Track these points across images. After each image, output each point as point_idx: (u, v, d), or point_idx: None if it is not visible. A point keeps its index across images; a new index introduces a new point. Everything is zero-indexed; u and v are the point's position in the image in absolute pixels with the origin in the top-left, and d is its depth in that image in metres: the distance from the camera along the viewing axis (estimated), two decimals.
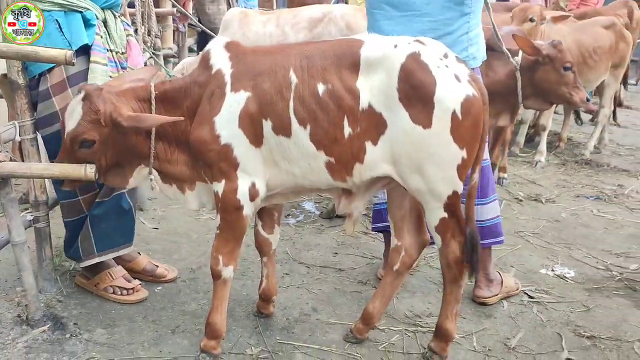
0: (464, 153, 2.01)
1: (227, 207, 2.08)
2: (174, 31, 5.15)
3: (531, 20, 4.58)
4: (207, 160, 2.06)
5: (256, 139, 2.03)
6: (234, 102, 2.01)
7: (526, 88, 3.49)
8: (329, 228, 3.61)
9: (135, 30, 3.62)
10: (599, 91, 5.61)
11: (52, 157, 2.42)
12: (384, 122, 1.98)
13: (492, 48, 3.60)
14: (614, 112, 5.72)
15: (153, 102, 2.05)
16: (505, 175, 4.70)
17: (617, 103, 7.86)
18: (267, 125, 2.02)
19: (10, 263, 2.84)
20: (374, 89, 1.97)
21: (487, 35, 3.75)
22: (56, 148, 2.38)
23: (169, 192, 2.24)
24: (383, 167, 2.04)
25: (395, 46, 2.00)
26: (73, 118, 2.00)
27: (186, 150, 2.12)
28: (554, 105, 4.90)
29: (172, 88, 2.10)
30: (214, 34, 3.91)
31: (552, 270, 3.20)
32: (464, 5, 2.50)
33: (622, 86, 7.15)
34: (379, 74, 1.98)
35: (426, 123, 1.95)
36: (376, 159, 2.02)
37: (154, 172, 2.14)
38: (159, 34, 4.12)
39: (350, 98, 1.97)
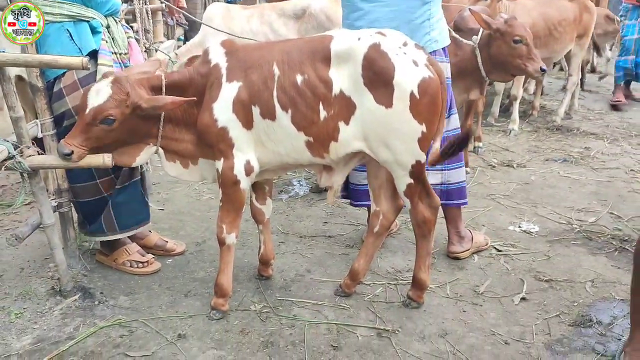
0: (423, 127, 2.35)
1: (226, 182, 2.44)
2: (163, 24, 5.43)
3: None
4: (209, 141, 2.41)
5: (247, 123, 2.38)
6: (229, 90, 2.36)
7: (486, 63, 3.81)
8: (318, 201, 3.97)
9: (134, 30, 3.92)
10: (567, 60, 5.96)
11: None
12: (354, 104, 2.33)
13: (459, 28, 3.95)
14: (582, 80, 6.06)
15: (164, 90, 2.37)
16: (481, 144, 5.06)
17: (591, 69, 8.25)
18: (255, 110, 2.37)
19: (35, 247, 3.20)
20: (344, 76, 2.32)
21: (456, 16, 4.09)
22: None
23: (172, 169, 2.55)
24: (355, 144, 2.39)
25: (359, 39, 2.33)
26: (100, 96, 2.25)
27: (192, 131, 2.46)
28: (522, 77, 5.26)
29: (179, 78, 2.42)
30: (211, 26, 4.07)
31: (519, 227, 3.58)
32: None
33: (595, 53, 7.52)
34: (347, 64, 2.32)
35: (388, 103, 2.29)
36: (349, 137, 2.37)
37: (160, 150, 2.49)
38: (149, 29, 4.42)
39: (323, 86, 2.32)
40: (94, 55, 2.63)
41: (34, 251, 3.18)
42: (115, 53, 2.71)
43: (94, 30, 2.62)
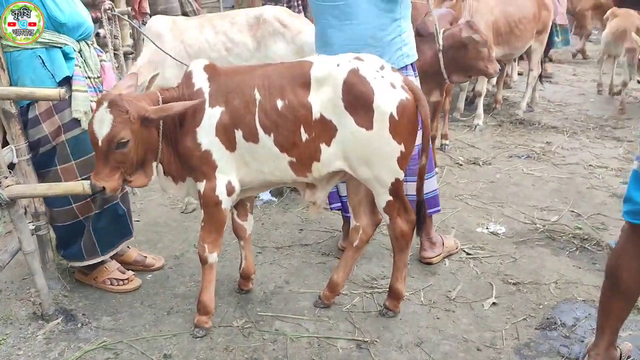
0: (402, 147, 2.45)
1: (208, 203, 2.50)
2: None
3: None
4: (191, 164, 2.47)
5: (230, 145, 2.45)
6: (212, 115, 2.42)
7: (449, 66, 3.93)
8: (292, 207, 4.05)
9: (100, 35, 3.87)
10: (527, 55, 6.14)
11: (40, 175, 2.75)
12: (335, 127, 2.41)
13: (419, 33, 4.03)
14: (540, 75, 6.27)
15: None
16: (447, 142, 5.20)
17: (547, 59, 8.46)
18: (238, 134, 2.44)
19: (12, 266, 3.18)
20: (324, 101, 2.39)
21: (419, 19, 4.17)
22: (43, 166, 2.73)
23: (166, 183, 2.59)
24: (337, 163, 2.48)
25: (338, 65, 2.41)
26: (105, 124, 2.24)
27: (176, 153, 2.50)
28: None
29: (171, 97, 2.46)
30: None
31: (487, 228, 3.73)
32: (394, 13, 2.89)
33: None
34: (327, 89, 2.39)
35: (368, 126, 2.38)
36: (330, 157, 2.46)
37: (159, 165, 2.50)
38: (117, 34, 4.35)
39: (304, 110, 2.40)
40: (67, 80, 2.62)
41: (11, 271, 3.17)
42: (89, 77, 2.71)
43: (67, 56, 2.61)
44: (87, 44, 2.75)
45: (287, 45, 4.17)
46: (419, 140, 2.69)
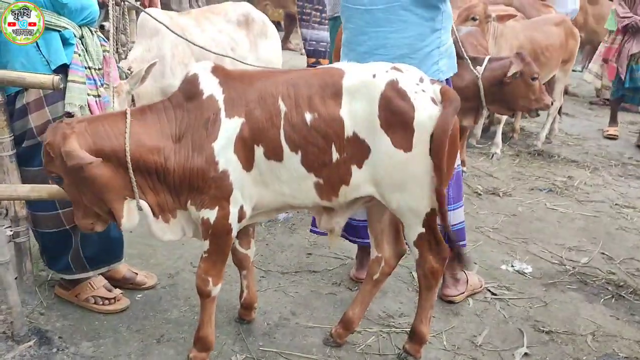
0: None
1: (219, 233, 2.12)
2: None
3: (473, 19, 4.73)
4: (203, 187, 2.07)
5: (247, 164, 2.08)
6: (230, 127, 2.04)
7: (490, 95, 3.65)
8: (300, 227, 3.72)
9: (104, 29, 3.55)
10: (549, 85, 5.88)
11: (24, 170, 2.43)
12: (368, 148, 2.08)
13: (459, 55, 3.76)
14: (560, 107, 6.05)
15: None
16: (464, 169, 4.90)
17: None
18: (258, 150, 2.07)
19: None
20: (357, 117, 2.07)
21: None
22: (25, 163, 2.41)
23: (157, 227, 2.16)
24: (366, 188, 2.15)
25: (374, 75, 2.09)
26: None
27: (169, 177, 2.08)
28: None
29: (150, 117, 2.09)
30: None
31: (512, 266, 3.41)
32: (435, 22, 2.61)
33: None
34: (361, 103, 2.07)
35: (407, 147, 2.06)
36: (360, 181, 2.13)
37: (144, 204, 2.09)
38: (126, 27, 4.04)
39: (336, 126, 2.06)
40: (64, 69, 2.30)
41: None
42: (89, 68, 2.39)
43: (66, 42, 2.29)
44: (91, 31, 2.44)
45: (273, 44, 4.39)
46: None
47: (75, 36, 2.34)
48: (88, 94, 2.37)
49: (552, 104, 3.95)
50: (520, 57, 3.70)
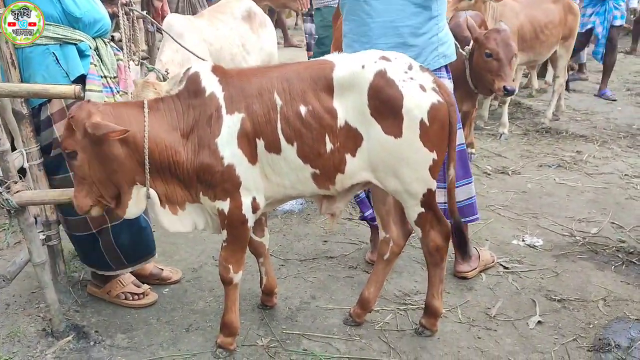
0: (434, 155, 2.23)
1: (234, 223, 2.24)
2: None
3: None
4: (212, 182, 2.17)
5: (252, 157, 2.19)
6: (231, 123, 2.15)
7: (472, 75, 3.70)
8: (315, 217, 3.84)
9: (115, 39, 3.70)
10: (552, 62, 5.92)
11: (51, 182, 2.56)
12: (360, 136, 2.19)
13: (454, 36, 3.83)
14: (567, 81, 6.06)
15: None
16: (473, 150, 4.98)
17: (569, 68, 8.25)
18: (260, 144, 2.18)
19: (20, 279, 2.99)
20: (348, 107, 2.17)
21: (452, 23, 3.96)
22: (55, 172, 2.55)
23: (165, 218, 2.24)
24: (362, 175, 2.26)
25: (363, 66, 2.17)
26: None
27: (179, 170, 2.17)
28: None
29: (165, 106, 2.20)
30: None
31: (523, 240, 3.51)
32: (430, 10, 2.70)
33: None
34: (351, 94, 2.16)
35: (397, 133, 2.16)
36: (355, 169, 2.23)
37: (152, 192, 2.16)
38: (138, 37, 4.20)
39: (329, 117, 2.16)
40: (82, 79, 2.45)
41: (19, 284, 2.97)
42: (105, 77, 2.53)
43: (82, 54, 2.43)
44: (104, 42, 2.58)
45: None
46: None
47: (90, 48, 2.48)
48: (105, 101, 2.50)
49: (514, 90, 3.80)
50: (494, 29, 3.71)
